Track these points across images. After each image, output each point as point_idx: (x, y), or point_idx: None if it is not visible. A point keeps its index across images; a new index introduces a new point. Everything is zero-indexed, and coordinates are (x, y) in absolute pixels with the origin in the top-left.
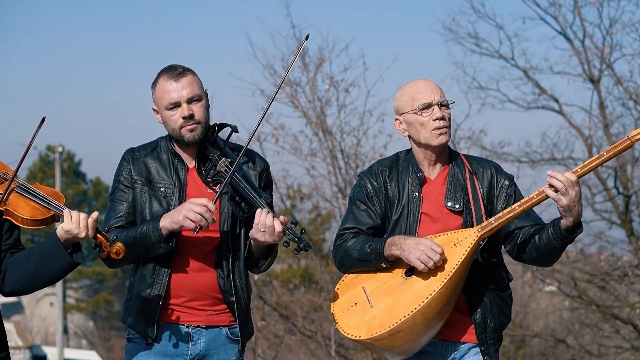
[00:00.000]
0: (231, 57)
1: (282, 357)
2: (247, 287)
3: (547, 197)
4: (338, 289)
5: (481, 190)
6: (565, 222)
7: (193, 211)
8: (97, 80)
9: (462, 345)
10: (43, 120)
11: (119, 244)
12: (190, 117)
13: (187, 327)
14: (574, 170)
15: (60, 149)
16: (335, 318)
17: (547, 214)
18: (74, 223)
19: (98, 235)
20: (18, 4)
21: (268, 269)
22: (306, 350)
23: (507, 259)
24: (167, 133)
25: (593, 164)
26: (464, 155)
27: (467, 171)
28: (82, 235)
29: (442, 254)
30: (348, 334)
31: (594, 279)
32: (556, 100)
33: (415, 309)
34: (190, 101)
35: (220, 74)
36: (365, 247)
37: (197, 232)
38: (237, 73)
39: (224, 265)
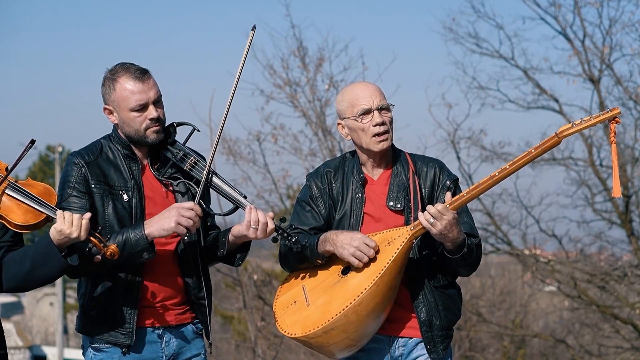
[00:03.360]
0: (231, 57)
1: (282, 357)
2: (210, 283)
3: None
4: (281, 287)
5: (424, 189)
6: (445, 245)
7: (183, 216)
8: (98, 80)
9: (410, 341)
10: (32, 142)
11: (113, 246)
12: (157, 119)
13: (159, 329)
14: (448, 201)
15: (60, 149)
16: (276, 316)
17: (546, 213)
18: (66, 223)
19: (91, 237)
20: (18, 4)
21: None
22: (306, 350)
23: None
24: (107, 133)
25: (522, 161)
26: (409, 154)
27: (411, 171)
28: (75, 235)
29: (375, 247)
30: (285, 331)
31: (594, 279)
32: (556, 100)
33: (347, 307)
34: (155, 102)
35: (220, 74)
36: (302, 244)
37: (187, 236)
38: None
39: (192, 263)
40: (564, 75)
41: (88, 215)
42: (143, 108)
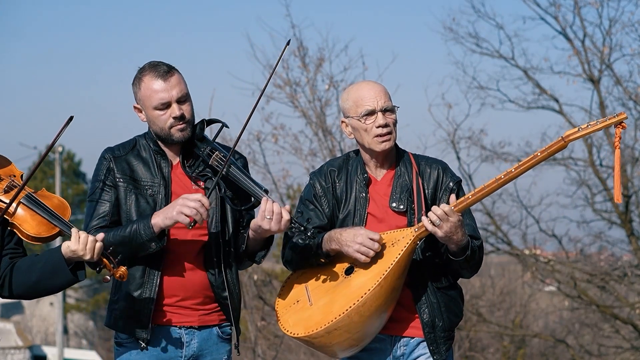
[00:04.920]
0: (231, 57)
1: (282, 357)
2: (238, 283)
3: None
4: (284, 286)
5: (427, 191)
6: (449, 247)
7: (187, 206)
8: (98, 80)
9: (411, 340)
10: (70, 119)
11: (123, 268)
12: (181, 118)
13: (180, 328)
14: (452, 203)
15: (60, 149)
16: (278, 315)
17: (546, 213)
18: (80, 245)
19: (103, 258)
20: (18, 4)
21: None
22: (306, 350)
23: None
24: (144, 131)
25: (528, 164)
26: (413, 155)
27: (414, 172)
28: (87, 257)
29: (379, 240)
30: (287, 331)
31: (593, 279)
32: (556, 100)
33: (350, 307)
34: (179, 100)
35: (220, 74)
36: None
37: (192, 227)
38: (237, 73)
39: (215, 261)
40: (564, 75)
41: (101, 236)
42: (166, 106)
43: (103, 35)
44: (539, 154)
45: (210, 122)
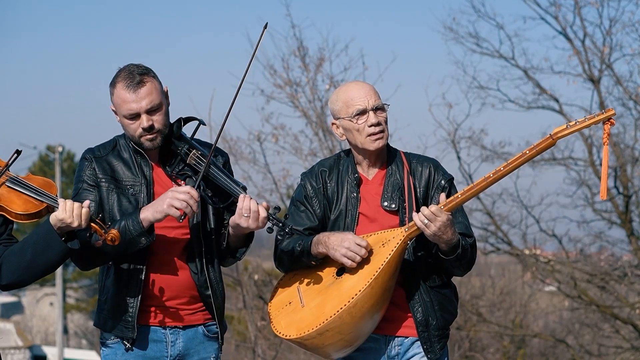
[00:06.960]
0: (231, 56)
1: (282, 357)
2: (221, 281)
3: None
4: (276, 288)
5: (418, 189)
6: (440, 246)
7: (177, 199)
8: (98, 80)
9: (406, 340)
10: (18, 153)
11: (114, 231)
12: (149, 129)
13: (165, 328)
14: (442, 202)
15: (60, 149)
16: (270, 317)
17: (546, 213)
18: (67, 212)
19: (92, 224)
20: (19, 4)
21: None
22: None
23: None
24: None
25: (516, 162)
26: (404, 153)
27: (406, 171)
28: (76, 224)
29: (367, 247)
30: (280, 333)
31: (593, 279)
32: (556, 100)
33: (342, 308)
34: (150, 111)
35: (220, 74)
36: (296, 245)
37: (182, 220)
38: (237, 73)
39: (197, 260)
40: (564, 75)
41: (87, 202)
42: (136, 117)
43: (104, 35)
44: (527, 152)
45: (188, 120)
